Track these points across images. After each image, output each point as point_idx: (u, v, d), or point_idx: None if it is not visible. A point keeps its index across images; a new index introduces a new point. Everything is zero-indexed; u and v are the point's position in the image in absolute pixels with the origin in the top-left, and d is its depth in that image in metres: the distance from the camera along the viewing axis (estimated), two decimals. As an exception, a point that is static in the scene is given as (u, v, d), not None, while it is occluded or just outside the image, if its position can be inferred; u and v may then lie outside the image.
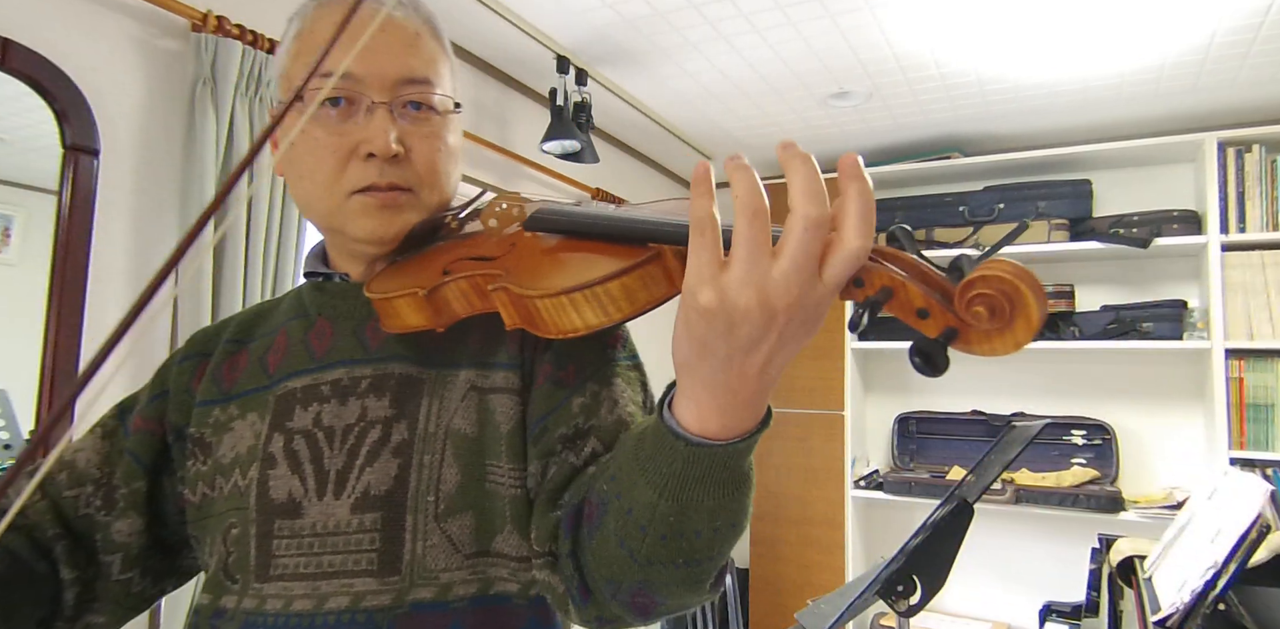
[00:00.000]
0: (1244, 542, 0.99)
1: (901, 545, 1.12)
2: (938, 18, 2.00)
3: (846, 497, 2.91)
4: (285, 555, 0.59)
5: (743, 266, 0.38)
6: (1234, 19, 1.98)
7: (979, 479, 1.16)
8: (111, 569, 0.66)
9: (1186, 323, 2.53)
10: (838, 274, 0.39)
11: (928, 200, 2.93)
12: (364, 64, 0.62)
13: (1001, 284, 0.37)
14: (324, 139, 0.63)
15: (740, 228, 0.39)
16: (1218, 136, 2.48)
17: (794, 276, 0.38)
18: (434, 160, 0.66)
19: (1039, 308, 0.37)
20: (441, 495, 0.59)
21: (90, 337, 1.35)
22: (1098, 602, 1.55)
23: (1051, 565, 2.82)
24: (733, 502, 0.48)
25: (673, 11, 1.97)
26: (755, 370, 0.42)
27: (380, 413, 0.62)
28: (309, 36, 0.65)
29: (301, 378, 0.66)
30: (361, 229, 0.64)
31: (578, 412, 0.61)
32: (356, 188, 0.63)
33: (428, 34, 0.67)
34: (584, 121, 2.29)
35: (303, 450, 0.62)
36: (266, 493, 0.61)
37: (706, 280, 0.39)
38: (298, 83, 0.64)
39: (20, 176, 1.39)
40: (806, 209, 0.38)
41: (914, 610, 1.07)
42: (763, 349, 0.41)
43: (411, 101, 0.64)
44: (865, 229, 0.39)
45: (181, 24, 1.49)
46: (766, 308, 0.39)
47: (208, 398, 0.69)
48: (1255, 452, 2.34)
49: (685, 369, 0.44)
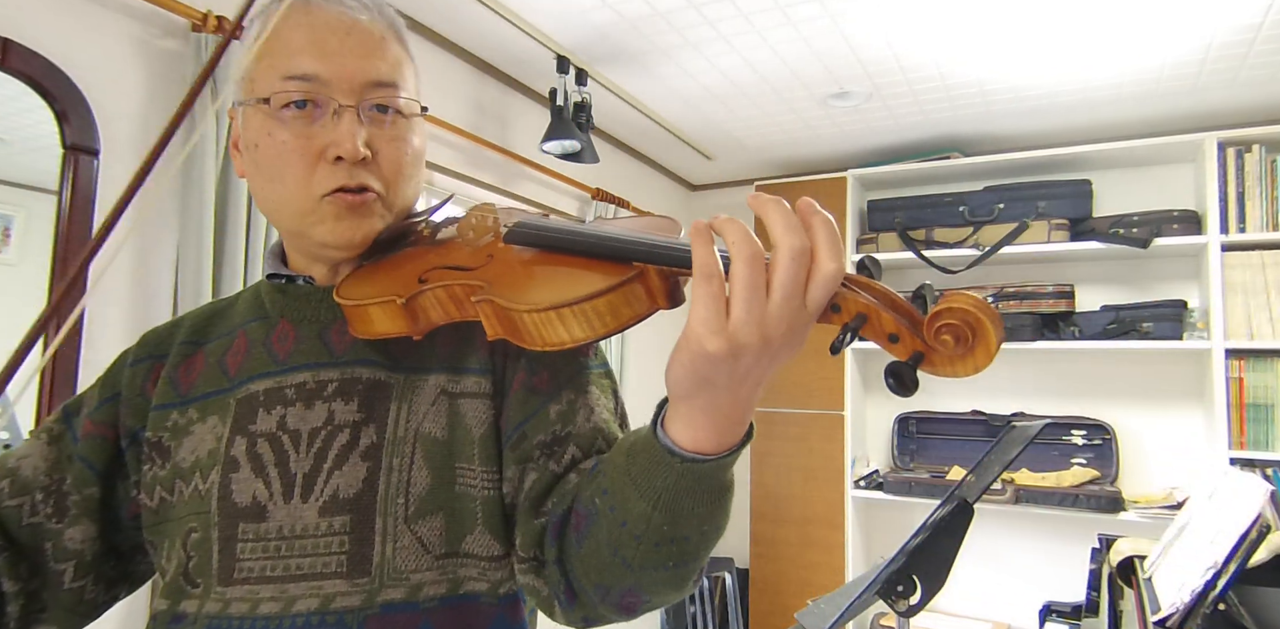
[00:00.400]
0: (1244, 542, 0.99)
1: (901, 545, 1.12)
2: (938, 18, 2.00)
3: (846, 497, 2.91)
4: (249, 559, 0.59)
5: (744, 307, 0.42)
6: (1234, 19, 1.98)
7: (979, 479, 1.16)
8: (64, 577, 0.66)
9: (1186, 323, 2.53)
10: (818, 297, 0.43)
11: (928, 200, 2.93)
12: (329, 67, 0.62)
13: (965, 315, 0.42)
14: (290, 142, 0.62)
15: (739, 272, 0.42)
16: (1218, 136, 2.48)
17: (786, 307, 0.42)
18: (400, 163, 0.66)
19: (997, 336, 0.42)
20: (411, 498, 0.60)
21: (90, 336, 1.35)
22: (1098, 602, 1.55)
23: (1051, 565, 2.82)
24: (719, 508, 0.51)
25: (673, 11, 1.97)
26: (747, 392, 0.46)
27: (348, 416, 0.62)
28: (273, 39, 0.64)
29: (264, 381, 0.65)
30: (331, 233, 0.64)
31: (555, 419, 0.62)
32: (327, 190, 0.63)
33: (392, 37, 0.67)
34: (584, 121, 2.29)
35: (266, 454, 0.62)
36: (229, 496, 0.61)
37: (715, 331, 0.42)
38: (261, 84, 0.64)
39: (20, 176, 1.39)
40: (790, 240, 0.41)
41: (914, 610, 1.06)
42: (756, 375, 0.45)
43: (378, 105, 0.64)
44: (836, 253, 0.42)
45: (181, 24, 1.49)
46: (766, 341, 0.42)
47: (165, 401, 0.68)
48: (1255, 452, 2.34)
49: (684, 399, 0.47)
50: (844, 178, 3.01)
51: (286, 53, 0.63)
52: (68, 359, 1.31)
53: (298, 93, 0.62)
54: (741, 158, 3.26)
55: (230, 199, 1.49)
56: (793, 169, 3.40)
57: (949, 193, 2.91)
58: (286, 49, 0.63)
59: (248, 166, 0.66)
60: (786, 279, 0.41)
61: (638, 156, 3.22)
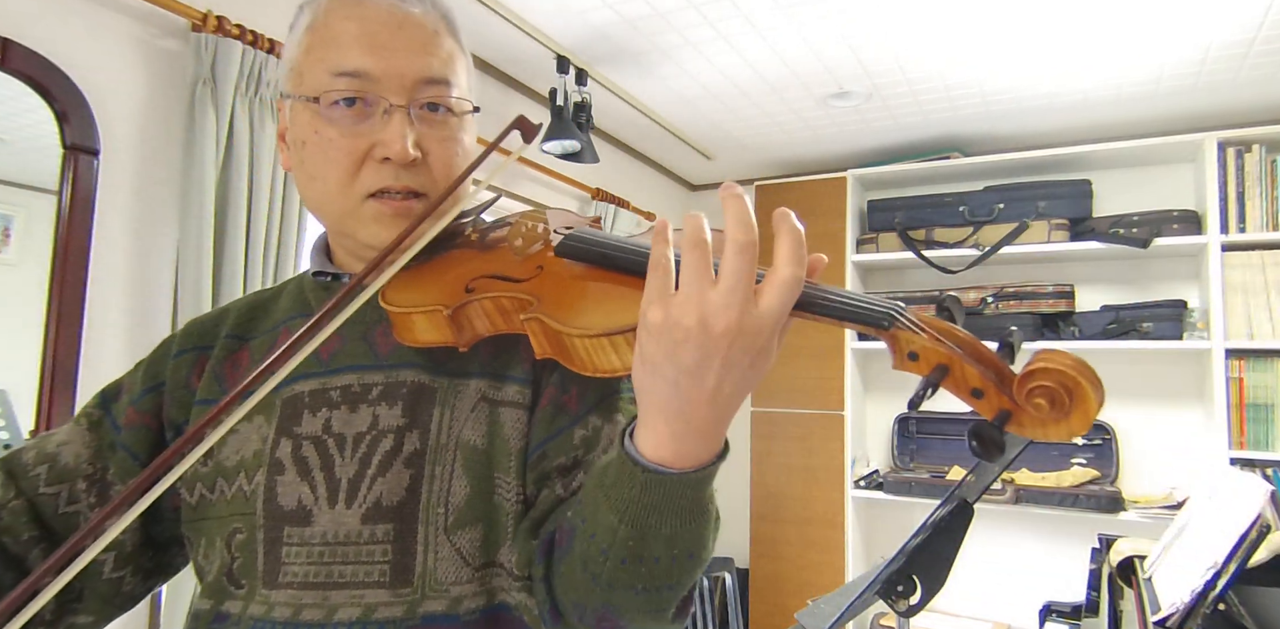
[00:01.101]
0: (1244, 542, 0.99)
1: (901, 545, 1.12)
2: (939, 18, 2.00)
3: (846, 497, 2.91)
4: (294, 563, 0.59)
5: (686, 288, 0.42)
6: (1234, 20, 1.98)
7: (979, 479, 1.16)
8: (103, 568, 0.65)
9: (1186, 323, 2.53)
10: (773, 303, 0.42)
11: (928, 200, 2.93)
12: (380, 63, 0.60)
13: (1063, 378, 0.39)
14: (338, 140, 0.61)
15: (685, 256, 0.43)
16: (1218, 136, 2.48)
17: (729, 298, 0.41)
18: (451, 165, 0.64)
19: (1098, 401, 0.38)
20: (451, 507, 0.59)
21: (90, 336, 1.35)
22: (1098, 602, 1.55)
23: (1051, 565, 2.82)
24: (689, 531, 0.49)
25: (673, 11, 1.97)
26: (704, 396, 0.44)
27: (392, 422, 0.61)
28: (323, 30, 0.62)
29: (308, 382, 0.64)
30: (373, 236, 0.63)
31: (578, 444, 0.61)
32: (370, 191, 0.62)
33: (445, 31, 0.65)
34: (584, 121, 2.29)
35: (312, 457, 0.61)
36: (274, 499, 0.60)
37: (655, 301, 0.43)
38: (309, 79, 0.62)
39: (20, 176, 1.39)
40: (735, 234, 0.42)
41: (914, 610, 1.06)
42: (709, 375, 0.43)
43: (429, 103, 0.62)
44: (796, 259, 0.42)
45: (181, 24, 1.49)
46: (705, 327, 0.42)
47: (208, 396, 0.68)
48: (1255, 452, 2.34)
49: (640, 393, 0.46)
50: (844, 178, 3.01)
51: (336, 46, 0.61)
52: (68, 359, 1.31)
53: (348, 91, 0.60)
54: (741, 158, 3.26)
55: (230, 199, 1.49)
56: (793, 169, 3.40)
57: (949, 193, 2.91)
58: (336, 42, 0.61)
59: (293, 162, 0.65)
60: (729, 270, 0.42)
61: (638, 156, 3.22)
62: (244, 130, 1.51)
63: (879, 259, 3.01)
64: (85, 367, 1.33)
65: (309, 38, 0.62)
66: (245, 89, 1.52)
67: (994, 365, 0.42)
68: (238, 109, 1.50)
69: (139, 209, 1.44)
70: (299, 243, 1.63)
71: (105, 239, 1.38)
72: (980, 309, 2.79)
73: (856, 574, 2.85)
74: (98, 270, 1.37)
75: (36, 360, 1.29)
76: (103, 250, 1.38)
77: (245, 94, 1.52)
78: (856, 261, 3.01)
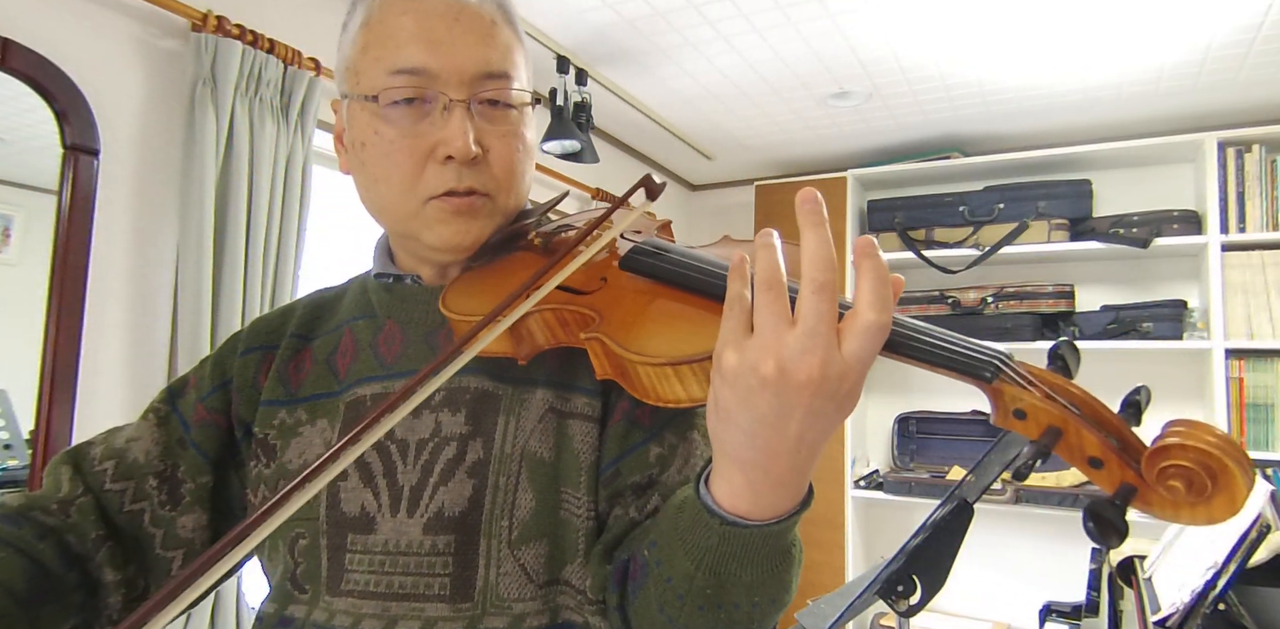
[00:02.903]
0: (1244, 542, 0.99)
1: (901, 545, 1.12)
2: (938, 18, 2.00)
3: (846, 497, 2.91)
4: (356, 571, 0.58)
5: (761, 331, 0.39)
6: (1234, 19, 1.98)
7: (979, 479, 1.16)
8: (171, 565, 0.64)
9: (1186, 323, 2.53)
10: (857, 348, 0.39)
11: (928, 200, 2.93)
12: (438, 58, 0.58)
13: (1205, 459, 0.33)
14: (398, 141, 0.59)
15: (758, 298, 0.40)
16: (1218, 136, 2.48)
17: (809, 343, 0.38)
18: (512, 161, 0.62)
19: (1247, 488, 0.33)
20: (515, 521, 0.57)
21: (90, 336, 1.35)
22: (1098, 602, 1.54)
23: (1051, 565, 2.82)
24: (772, 577, 0.46)
25: (673, 11, 1.97)
26: (785, 447, 0.41)
27: (455, 429, 0.59)
28: (378, 27, 0.59)
29: (371, 385, 0.63)
30: (438, 237, 0.61)
31: (654, 462, 0.58)
32: (435, 193, 0.59)
33: (502, 20, 0.62)
34: (584, 121, 2.29)
35: (375, 463, 0.60)
36: (338, 505, 0.60)
37: (731, 343, 0.40)
38: (366, 78, 0.60)
39: (20, 176, 1.39)
40: (813, 274, 0.39)
41: (914, 610, 1.06)
42: (789, 424, 0.40)
43: (489, 99, 0.60)
44: (879, 303, 0.38)
45: (181, 24, 1.49)
46: (785, 375, 0.38)
47: (273, 398, 0.66)
48: (1255, 452, 2.34)
49: (715, 442, 0.43)
50: (844, 178, 3.01)
51: (393, 43, 0.58)
52: (68, 359, 1.31)
53: (407, 88, 0.58)
54: (741, 158, 3.26)
55: (230, 199, 1.49)
56: (793, 169, 3.40)
57: (949, 193, 2.91)
58: (393, 39, 0.58)
59: (353, 164, 0.63)
60: (808, 313, 0.38)
61: (638, 156, 3.22)
62: (244, 130, 1.51)
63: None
64: (85, 367, 1.33)
65: (364, 35, 0.60)
66: (245, 89, 1.52)
67: (1117, 431, 0.37)
68: (238, 109, 1.50)
69: (139, 209, 1.44)
70: (299, 243, 1.63)
71: (105, 239, 1.38)
72: (980, 309, 2.79)
73: (856, 574, 2.85)
74: (98, 270, 1.36)
75: (36, 360, 1.29)
76: (103, 250, 1.38)
77: (245, 94, 1.52)
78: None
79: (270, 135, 1.56)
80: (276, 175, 1.58)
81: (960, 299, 2.83)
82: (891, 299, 0.39)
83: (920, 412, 3.05)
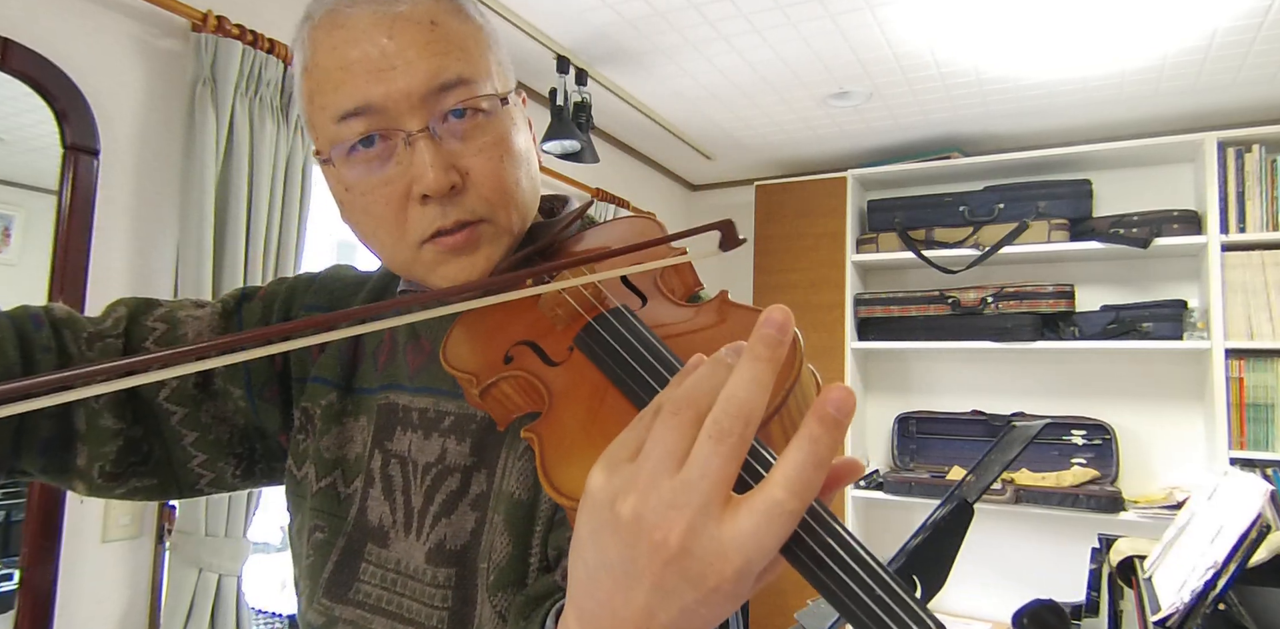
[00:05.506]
0: (1244, 542, 0.99)
1: (901, 545, 1.12)
2: (938, 17, 2.00)
3: (846, 497, 2.91)
4: (368, 583, 0.57)
5: (641, 463, 0.31)
6: (1234, 18, 1.98)
7: (979, 479, 1.16)
8: (179, 436, 0.63)
9: (1186, 323, 2.53)
10: (747, 530, 0.29)
11: (928, 200, 2.93)
12: (379, 86, 0.51)
13: None
14: (370, 192, 0.54)
15: (657, 422, 0.31)
16: (1218, 136, 2.48)
17: (679, 498, 0.29)
18: (499, 176, 0.54)
19: None
20: (493, 565, 0.54)
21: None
22: (1098, 602, 1.54)
23: (1051, 565, 2.82)
24: None
25: (673, 11, 1.97)
26: (631, 615, 0.31)
27: (459, 459, 0.57)
28: (315, 71, 0.54)
29: (400, 394, 0.62)
30: (444, 279, 0.55)
31: None
32: (424, 236, 0.53)
33: (445, 14, 0.54)
34: (584, 121, 2.29)
35: (396, 477, 0.59)
36: (365, 512, 0.59)
37: (608, 461, 0.32)
38: (321, 132, 0.55)
39: (20, 176, 1.39)
40: (719, 417, 0.30)
41: (914, 610, 1.06)
42: (637, 592, 0.31)
43: (452, 111, 0.53)
44: (801, 484, 0.29)
45: (181, 24, 1.49)
46: (639, 527, 0.30)
47: (326, 375, 0.64)
48: (1255, 452, 2.34)
49: (569, 574, 0.35)
50: (844, 178, 3.01)
51: (330, 85, 0.52)
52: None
53: (356, 134, 0.52)
54: (741, 158, 3.26)
55: (230, 199, 1.49)
56: (793, 169, 3.40)
57: (949, 193, 2.91)
58: (329, 81, 0.52)
59: (349, 218, 0.59)
60: (694, 459, 0.30)
61: (638, 156, 3.22)
62: (244, 130, 1.51)
63: (879, 259, 3.01)
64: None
65: (308, 83, 0.55)
66: (245, 89, 1.52)
67: None
68: (238, 109, 1.50)
69: (139, 209, 1.44)
70: (299, 243, 1.63)
71: (105, 239, 1.38)
72: (980, 309, 2.79)
73: (856, 574, 2.85)
74: (98, 270, 1.37)
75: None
76: (103, 250, 1.38)
77: (245, 94, 1.52)
78: (856, 262, 3.01)
79: (270, 135, 1.56)
80: (276, 175, 1.58)
81: (960, 299, 2.84)
82: (818, 484, 0.29)
83: (920, 412, 3.05)
